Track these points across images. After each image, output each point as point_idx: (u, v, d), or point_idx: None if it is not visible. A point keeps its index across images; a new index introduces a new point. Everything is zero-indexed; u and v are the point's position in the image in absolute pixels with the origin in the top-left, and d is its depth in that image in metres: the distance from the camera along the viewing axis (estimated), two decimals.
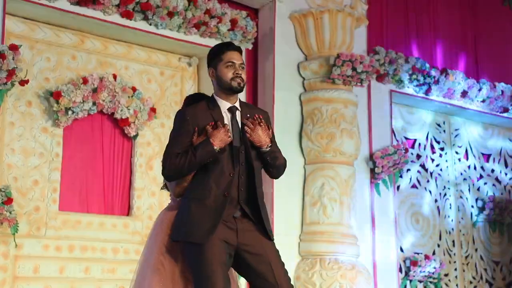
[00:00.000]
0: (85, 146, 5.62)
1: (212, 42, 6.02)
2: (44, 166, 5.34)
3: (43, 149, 5.35)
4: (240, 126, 3.21)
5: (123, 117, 5.60)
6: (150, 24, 5.66)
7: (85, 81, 5.42)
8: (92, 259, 5.41)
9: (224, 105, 3.22)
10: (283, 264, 3.22)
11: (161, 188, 3.62)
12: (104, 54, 5.79)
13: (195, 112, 3.20)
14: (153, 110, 5.77)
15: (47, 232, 5.27)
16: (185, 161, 3.11)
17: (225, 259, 3.08)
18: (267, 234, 3.18)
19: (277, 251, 3.23)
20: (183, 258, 3.19)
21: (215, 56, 3.25)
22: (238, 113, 3.23)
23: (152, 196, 5.84)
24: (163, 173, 3.21)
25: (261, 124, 3.20)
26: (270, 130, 3.26)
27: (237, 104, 3.24)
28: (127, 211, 5.77)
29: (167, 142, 3.25)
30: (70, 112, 5.32)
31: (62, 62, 5.56)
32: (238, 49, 3.27)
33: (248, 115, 3.23)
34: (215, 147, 3.09)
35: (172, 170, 3.15)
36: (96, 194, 5.63)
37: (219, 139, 3.10)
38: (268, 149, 3.20)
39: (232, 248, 3.12)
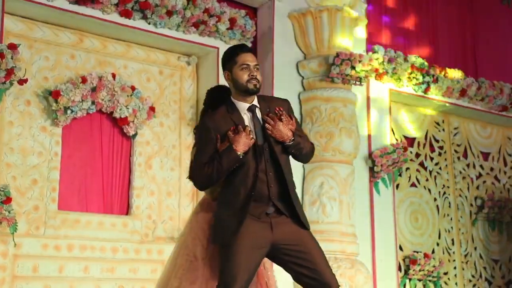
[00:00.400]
0: (84, 145, 5.62)
1: (211, 41, 6.04)
2: (43, 165, 5.33)
3: (42, 148, 5.35)
4: (261, 123, 3.25)
5: (122, 116, 5.60)
6: (149, 23, 5.66)
7: (84, 80, 5.42)
8: (91, 258, 5.40)
9: (242, 106, 3.27)
10: (322, 251, 3.26)
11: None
12: (103, 53, 5.79)
13: (215, 119, 3.25)
14: (152, 109, 5.77)
15: (46, 231, 5.27)
16: (212, 169, 3.17)
17: (253, 264, 3.16)
18: (303, 224, 3.23)
19: (315, 239, 3.28)
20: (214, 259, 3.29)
21: (230, 59, 3.30)
22: (258, 111, 3.27)
23: (151, 195, 5.84)
24: (195, 185, 3.29)
25: (282, 117, 3.22)
26: (294, 119, 3.31)
27: (255, 102, 3.28)
28: (126, 210, 5.76)
29: (193, 155, 3.32)
30: (69, 111, 5.31)
31: (61, 61, 5.55)
32: (252, 51, 3.34)
33: (268, 109, 3.27)
34: (239, 153, 3.14)
35: (202, 180, 3.23)
36: (95, 193, 5.63)
37: (242, 144, 3.14)
38: (291, 142, 3.23)
39: (268, 246, 3.18)
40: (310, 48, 6.36)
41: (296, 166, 6.07)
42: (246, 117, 3.26)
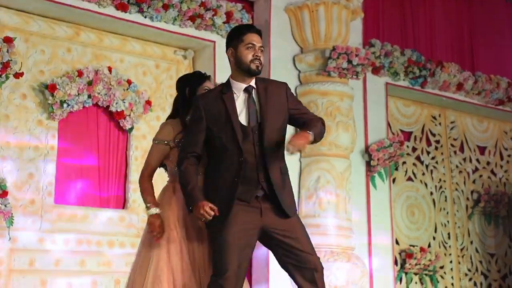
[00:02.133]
0: (81, 139, 5.61)
1: (208, 35, 6.02)
2: (39, 159, 5.32)
3: (38, 142, 5.34)
4: (256, 105, 3.25)
5: (119, 110, 5.59)
6: (145, 17, 5.65)
7: (80, 74, 5.40)
8: (87, 252, 5.40)
9: (239, 86, 3.28)
10: (308, 238, 3.30)
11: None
12: (99, 47, 5.77)
13: (207, 97, 3.31)
14: (148, 103, 5.76)
15: (42, 225, 5.26)
16: (182, 180, 3.26)
17: (245, 250, 3.18)
18: (285, 212, 3.23)
19: (301, 224, 3.32)
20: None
21: (236, 36, 3.30)
22: (254, 92, 3.28)
23: None
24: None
25: (301, 148, 3.20)
26: (294, 97, 3.38)
27: (252, 83, 3.29)
28: (122, 204, 5.76)
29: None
30: (65, 105, 5.30)
31: (57, 55, 5.54)
32: (259, 32, 3.33)
33: (265, 91, 3.30)
34: (190, 208, 3.20)
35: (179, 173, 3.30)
36: (91, 187, 5.63)
37: (195, 213, 3.18)
38: (312, 140, 3.24)
39: (258, 228, 3.21)
40: (306, 41, 6.35)
41: (292, 161, 6.11)
42: (241, 98, 3.26)
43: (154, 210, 3.44)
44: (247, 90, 3.27)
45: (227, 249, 3.15)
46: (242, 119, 3.24)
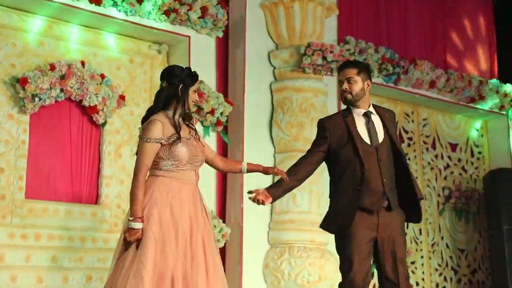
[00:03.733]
0: (53, 134, 5.55)
1: (183, 30, 5.99)
2: (10, 153, 5.25)
3: (9, 136, 5.26)
4: (378, 126, 3.80)
5: (92, 105, 5.53)
6: (119, 11, 5.59)
7: (52, 67, 5.33)
8: (59, 248, 5.35)
9: (357, 111, 3.85)
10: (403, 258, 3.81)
11: None
12: (72, 41, 5.70)
13: (331, 120, 3.94)
14: (122, 97, 5.71)
15: (13, 220, 5.19)
16: (291, 167, 4.05)
17: (366, 248, 3.73)
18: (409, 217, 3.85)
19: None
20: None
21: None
22: (373, 116, 3.82)
23: (120, 184, 5.79)
24: None
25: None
26: (398, 132, 3.95)
27: (370, 109, 3.86)
28: (95, 199, 5.71)
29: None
30: (37, 99, 5.23)
31: (29, 48, 5.46)
32: (344, 66, 3.92)
33: (382, 116, 3.88)
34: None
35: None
36: (63, 182, 5.57)
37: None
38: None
39: (374, 236, 3.72)
40: (281, 38, 6.36)
41: (266, 156, 6.12)
42: (360, 121, 3.81)
43: (138, 225, 3.42)
44: (366, 114, 3.83)
45: (353, 255, 3.81)
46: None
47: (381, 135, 3.79)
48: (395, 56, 7.16)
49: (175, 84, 3.58)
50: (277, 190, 3.88)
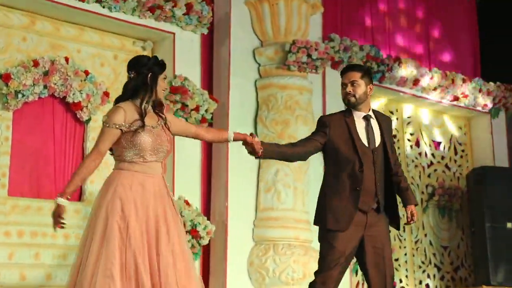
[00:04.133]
0: (36, 130, 5.51)
1: (167, 26, 5.97)
2: None
3: None
4: (376, 131, 3.88)
5: (75, 101, 5.50)
6: (103, 7, 5.56)
7: (36, 63, 5.30)
8: (42, 245, 5.32)
9: (358, 114, 3.92)
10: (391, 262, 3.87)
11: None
12: (55, 37, 5.66)
13: (332, 118, 3.98)
14: (106, 94, 5.69)
15: None
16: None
17: (351, 251, 3.77)
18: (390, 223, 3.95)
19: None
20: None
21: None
22: (372, 120, 3.91)
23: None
24: None
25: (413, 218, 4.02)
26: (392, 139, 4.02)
27: (370, 113, 3.94)
28: (78, 196, 5.68)
29: None
30: (20, 95, 5.19)
31: (12, 44, 5.42)
32: (348, 69, 4.01)
33: (380, 120, 3.96)
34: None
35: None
36: (47, 179, 5.53)
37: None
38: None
39: (361, 235, 3.77)
40: (266, 35, 6.36)
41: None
42: (360, 123, 3.88)
43: (64, 202, 3.50)
44: (366, 118, 3.90)
45: (335, 256, 3.83)
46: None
47: (378, 140, 3.89)
48: (380, 54, 7.19)
49: (144, 73, 3.52)
50: (271, 147, 3.94)
